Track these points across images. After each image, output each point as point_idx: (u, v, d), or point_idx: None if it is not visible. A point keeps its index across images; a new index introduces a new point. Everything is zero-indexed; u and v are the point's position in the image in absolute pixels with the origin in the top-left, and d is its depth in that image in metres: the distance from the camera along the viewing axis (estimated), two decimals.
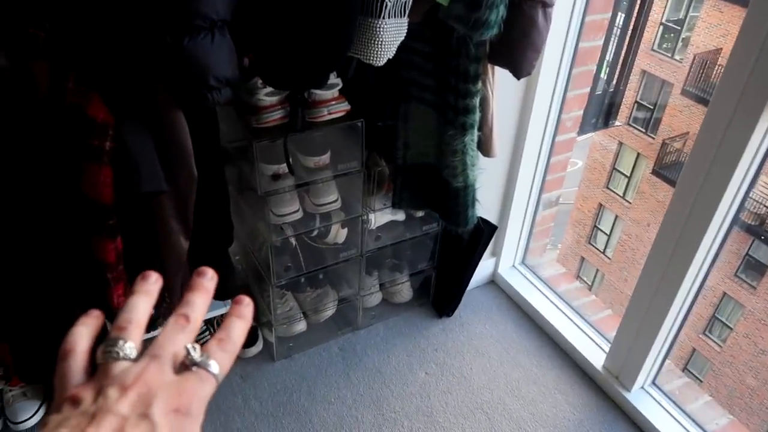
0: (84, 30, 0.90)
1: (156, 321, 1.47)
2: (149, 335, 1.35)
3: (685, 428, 1.60)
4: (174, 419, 0.34)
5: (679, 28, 8.79)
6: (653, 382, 1.70)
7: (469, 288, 1.99)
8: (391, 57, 1.13)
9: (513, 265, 2.12)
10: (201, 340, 1.46)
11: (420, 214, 1.75)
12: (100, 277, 1.09)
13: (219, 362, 0.39)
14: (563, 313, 1.94)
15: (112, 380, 0.36)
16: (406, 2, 1.07)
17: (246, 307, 0.43)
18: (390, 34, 1.07)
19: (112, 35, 0.91)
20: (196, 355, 0.38)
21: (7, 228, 1.02)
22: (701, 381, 8.33)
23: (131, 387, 0.35)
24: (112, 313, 1.15)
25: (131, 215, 1.09)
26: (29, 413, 1.51)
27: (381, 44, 1.08)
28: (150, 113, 0.99)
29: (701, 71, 8.31)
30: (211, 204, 1.25)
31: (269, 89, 1.27)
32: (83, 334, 0.42)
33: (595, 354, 1.79)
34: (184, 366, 0.38)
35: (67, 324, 1.28)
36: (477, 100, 1.29)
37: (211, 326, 1.75)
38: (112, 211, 1.02)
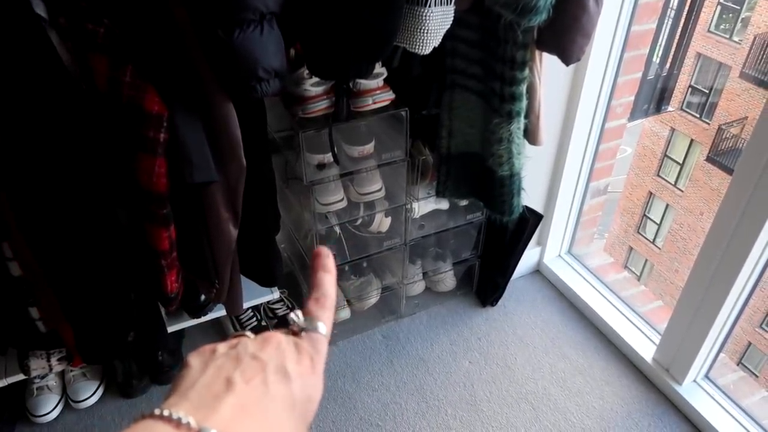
0: (140, 25, 0.93)
1: (206, 306, 1.52)
2: (198, 320, 1.40)
3: (740, 423, 1.55)
4: (304, 377, 0.37)
5: (738, 7, 8.37)
6: (706, 376, 1.65)
7: (513, 278, 1.97)
8: (436, 45, 1.12)
9: (559, 255, 2.09)
10: (248, 326, 1.50)
11: (464, 203, 1.74)
12: (155, 264, 1.14)
13: (323, 321, 0.41)
14: (611, 303, 1.90)
15: (244, 339, 0.39)
16: None
17: (327, 258, 0.44)
18: (436, 23, 1.07)
19: (165, 30, 0.93)
20: (301, 321, 0.41)
21: (68, 217, 1.07)
22: (757, 376, 8.02)
23: (265, 341, 0.38)
24: (167, 298, 1.20)
25: (183, 204, 1.12)
26: (89, 392, 1.59)
27: (427, 33, 1.07)
28: (201, 105, 1.02)
29: (762, 53, 7.90)
30: (258, 193, 1.27)
31: (315, 79, 1.28)
32: None
33: (644, 346, 1.75)
34: (295, 333, 0.40)
35: (124, 308, 1.33)
36: (524, 87, 1.27)
37: (258, 312, 1.79)
38: (166, 201, 1.05)
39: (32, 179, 1.02)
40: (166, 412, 0.31)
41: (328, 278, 0.44)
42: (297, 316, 0.41)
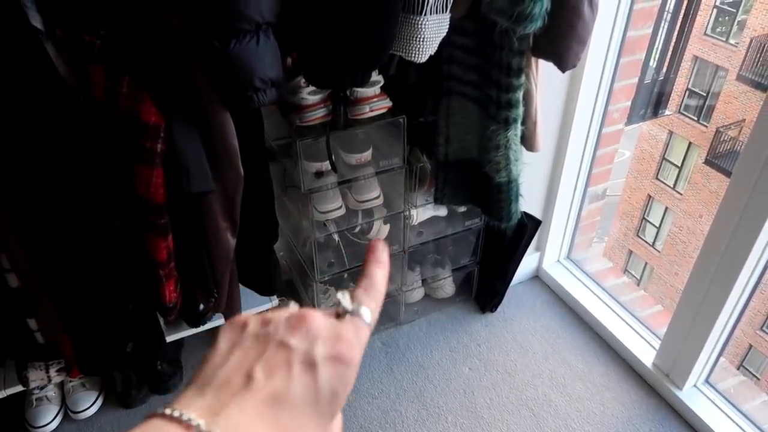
0: (136, 36, 0.93)
1: (205, 315, 1.52)
2: (197, 330, 1.40)
3: (741, 428, 1.54)
4: (334, 365, 0.34)
5: (734, 10, 8.41)
6: (706, 380, 1.64)
7: (512, 283, 1.97)
8: (432, 53, 1.13)
9: (558, 260, 2.09)
10: None
11: (462, 209, 1.74)
12: (153, 274, 1.13)
13: (369, 308, 0.39)
14: (610, 308, 1.90)
15: (280, 315, 0.37)
16: None
17: (382, 252, 0.42)
18: (432, 31, 1.07)
19: (162, 41, 0.94)
20: (347, 303, 0.38)
21: (66, 228, 1.07)
22: (758, 378, 8.00)
23: (297, 323, 0.36)
24: (165, 308, 1.19)
25: (181, 214, 1.12)
26: (88, 403, 1.58)
27: (423, 41, 1.08)
28: (198, 115, 1.02)
29: (758, 55, 7.92)
30: (256, 202, 1.27)
31: (312, 88, 1.28)
32: None
33: (644, 351, 1.74)
34: (338, 316, 0.38)
35: (123, 318, 1.33)
36: (520, 94, 1.28)
37: None
38: (164, 211, 1.05)
39: (30, 190, 1.02)
40: (176, 413, 0.31)
41: (380, 271, 0.41)
42: (344, 297, 0.38)
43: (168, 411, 0.31)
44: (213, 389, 0.32)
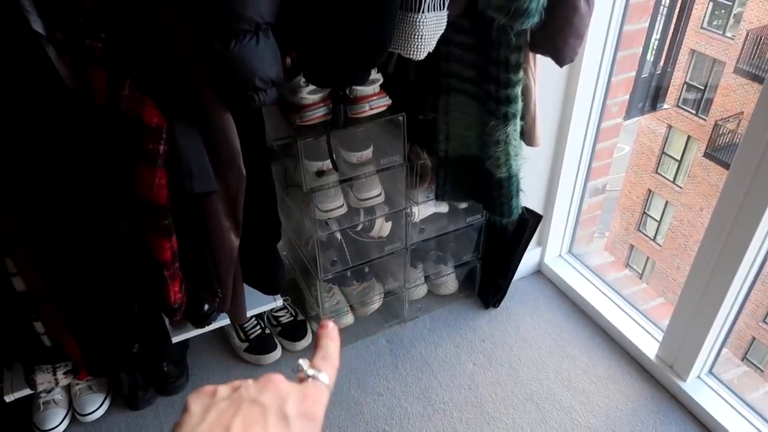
0: (137, 39, 0.94)
1: (210, 316, 1.53)
2: (202, 330, 1.40)
3: (745, 418, 1.55)
4: (303, 421, 0.38)
5: (730, 3, 8.41)
6: (710, 371, 1.65)
7: (515, 278, 1.97)
8: (431, 51, 1.13)
9: (560, 255, 2.09)
10: (252, 334, 1.50)
11: (464, 205, 1.75)
12: (158, 275, 1.14)
13: (328, 374, 0.44)
14: (613, 302, 1.90)
15: (246, 381, 0.40)
16: None
17: (333, 330, 0.48)
18: (430, 28, 1.08)
19: (162, 43, 0.95)
20: (308, 369, 0.43)
21: (70, 230, 1.07)
22: (762, 370, 8.00)
23: (266, 384, 0.39)
24: (170, 309, 1.20)
25: (184, 215, 1.13)
26: (95, 405, 1.59)
27: (421, 38, 1.08)
28: (200, 116, 1.03)
29: (755, 48, 7.92)
30: (259, 201, 1.28)
31: (312, 87, 1.29)
32: None
33: (647, 343, 1.75)
34: (301, 380, 0.43)
35: (128, 320, 1.34)
36: (519, 90, 1.28)
37: (262, 321, 1.80)
38: (167, 212, 1.06)
39: (33, 193, 1.03)
40: None
41: (332, 344, 0.47)
42: (305, 363, 0.44)
43: None
44: None
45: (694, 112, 8.92)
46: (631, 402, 1.65)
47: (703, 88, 8.82)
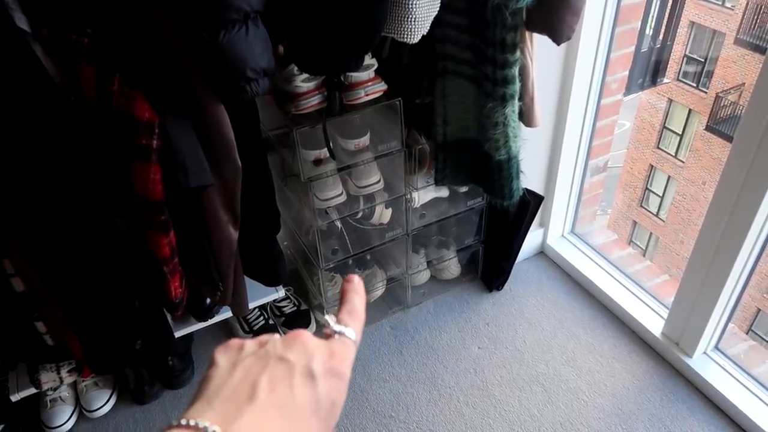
0: (124, 33, 0.92)
1: (212, 309, 1.52)
2: (205, 324, 1.39)
3: (752, 392, 1.55)
4: (330, 379, 0.38)
5: None
6: (716, 347, 1.65)
7: (518, 260, 1.97)
8: (425, 33, 1.11)
9: (562, 235, 2.08)
10: (256, 325, 1.50)
11: (464, 189, 1.73)
12: (157, 271, 1.13)
13: (353, 328, 0.42)
14: (617, 280, 1.89)
15: (273, 336, 0.40)
16: None
17: (358, 283, 0.47)
18: (423, 11, 1.06)
19: (150, 36, 0.93)
20: (334, 325, 0.42)
21: (67, 229, 1.06)
22: (767, 341, 8.02)
23: (293, 341, 0.39)
24: (171, 304, 1.20)
25: (181, 209, 1.12)
26: (102, 401, 1.59)
27: (414, 21, 1.06)
28: (192, 109, 1.01)
29: (755, 17, 7.82)
30: (256, 193, 1.27)
31: (305, 75, 1.27)
32: None
33: (652, 321, 1.75)
34: (327, 336, 0.41)
35: (130, 316, 1.33)
36: (516, 70, 1.26)
37: (265, 312, 1.80)
38: (163, 207, 1.05)
39: (28, 193, 1.01)
40: (192, 422, 0.32)
41: (358, 298, 0.46)
42: (331, 319, 0.43)
43: (183, 421, 0.32)
44: (221, 401, 0.34)
45: (695, 85, 8.83)
46: (637, 380, 1.65)
47: (703, 60, 8.73)
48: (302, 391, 0.36)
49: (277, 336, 0.40)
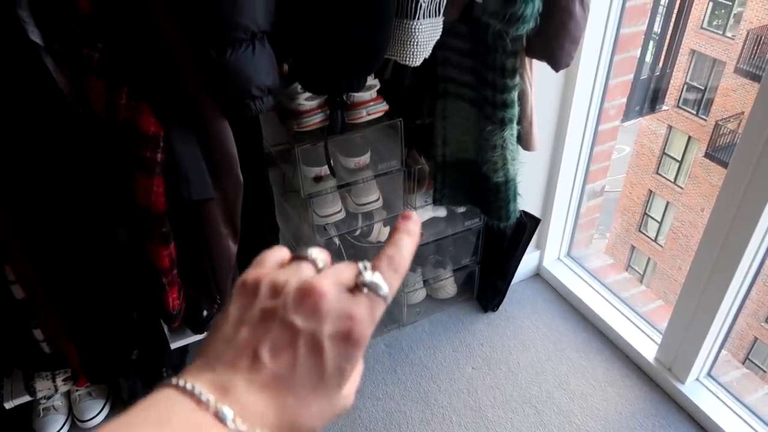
0: (134, 48, 0.95)
1: (209, 321, 1.53)
2: (201, 336, 1.41)
3: (744, 420, 1.55)
4: (341, 345, 0.34)
5: (730, 3, 8.41)
6: (709, 374, 1.65)
7: (513, 282, 1.98)
8: (427, 57, 1.14)
9: (558, 258, 2.10)
10: None
11: (461, 209, 1.75)
12: (156, 282, 1.15)
13: (389, 282, 0.36)
14: (612, 304, 1.90)
15: (290, 283, 0.35)
16: (440, 2, 1.08)
17: (414, 223, 0.40)
18: (425, 35, 1.08)
19: (159, 52, 0.95)
20: (367, 275, 0.36)
21: (69, 238, 1.08)
22: (765, 371, 7.98)
23: (306, 298, 0.34)
24: (169, 315, 1.21)
25: (182, 221, 1.13)
26: (95, 411, 1.59)
27: (417, 45, 1.09)
28: (196, 123, 1.04)
29: (755, 47, 7.92)
30: (257, 207, 1.29)
31: (309, 94, 1.30)
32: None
33: (646, 346, 1.75)
34: (355, 287, 0.36)
35: (127, 326, 1.34)
36: (515, 95, 1.29)
37: None
38: (165, 219, 1.07)
39: (33, 201, 1.03)
40: (188, 386, 0.31)
41: (408, 241, 0.39)
42: (365, 268, 0.36)
43: (181, 383, 0.32)
44: (221, 365, 0.33)
45: (695, 112, 8.91)
46: (629, 405, 1.66)
47: (703, 88, 8.82)
48: (305, 363, 0.33)
49: (293, 287, 0.35)
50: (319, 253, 0.38)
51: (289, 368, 0.33)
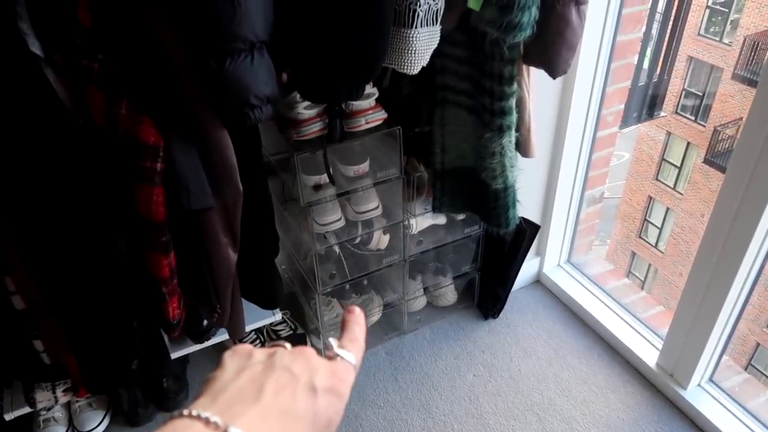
0: (133, 59, 0.95)
1: (209, 331, 1.53)
2: (201, 345, 1.40)
3: (746, 426, 1.54)
4: (330, 396, 0.39)
5: (726, 10, 8.46)
6: (710, 379, 1.65)
7: (514, 289, 1.98)
8: (425, 65, 1.14)
9: (558, 264, 2.10)
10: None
11: (461, 217, 1.75)
12: (156, 292, 1.15)
13: (355, 355, 0.44)
14: (612, 311, 1.90)
15: (280, 348, 0.41)
16: (437, 10, 1.08)
17: (359, 315, 0.48)
18: (423, 43, 1.09)
19: (158, 62, 0.96)
20: (337, 348, 0.43)
21: (69, 248, 1.08)
22: (767, 376, 7.95)
23: (299, 355, 0.40)
24: (169, 325, 1.21)
25: (182, 231, 1.14)
26: (95, 422, 1.59)
27: (414, 53, 1.09)
28: (196, 133, 1.04)
29: (752, 54, 7.96)
30: (256, 216, 1.29)
31: (307, 103, 1.30)
32: None
33: (647, 352, 1.75)
34: (329, 357, 0.43)
35: (127, 336, 1.34)
36: (513, 102, 1.29)
37: (261, 335, 1.80)
38: (165, 228, 1.07)
39: (33, 212, 1.03)
40: (195, 412, 0.34)
41: (359, 328, 0.47)
42: (334, 342, 0.44)
43: (186, 412, 0.34)
44: (226, 397, 0.36)
45: (693, 118, 8.94)
46: (631, 411, 1.65)
47: (701, 94, 8.85)
48: (304, 402, 0.37)
49: (284, 348, 0.41)
50: (288, 345, 0.43)
51: (290, 405, 0.37)
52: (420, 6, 1.05)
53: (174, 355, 1.53)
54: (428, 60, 1.15)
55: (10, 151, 0.97)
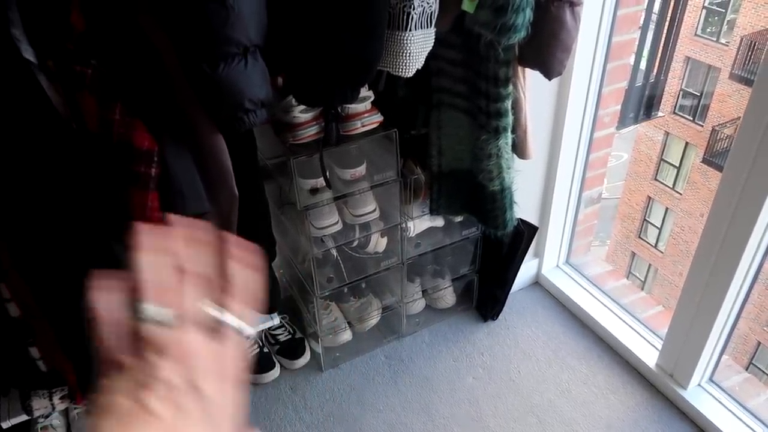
0: (127, 64, 0.95)
1: None
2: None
3: (747, 425, 1.54)
4: (219, 387, 0.36)
5: (723, 10, 8.48)
6: (711, 379, 1.64)
7: (513, 290, 1.97)
8: (420, 67, 1.14)
9: (557, 266, 2.09)
10: (250, 353, 1.49)
11: (459, 219, 1.75)
12: None
13: (244, 319, 0.38)
14: (611, 311, 1.90)
15: (150, 347, 0.36)
16: (431, 13, 1.08)
17: (236, 244, 0.39)
18: (417, 46, 1.09)
19: (152, 67, 0.96)
20: (218, 314, 0.37)
21: (64, 254, 1.08)
22: None
23: (167, 356, 0.36)
24: None
25: None
26: None
27: (409, 56, 1.09)
28: (191, 137, 1.04)
29: (749, 53, 7.97)
30: (252, 220, 1.28)
31: (303, 106, 1.30)
32: (108, 299, 0.40)
33: (647, 352, 1.74)
34: (214, 329, 0.37)
35: None
36: (509, 103, 1.29)
37: (259, 339, 1.79)
38: None
39: (27, 217, 1.03)
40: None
41: (241, 270, 0.38)
42: (213, 309, 0.37)
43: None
44: (114, 417, 0.35)
45: (691, 118, 8.95)
46: (632, 411, 1.64)
47: (699, 94, 8.87)
48: (188, 407, 0.35)
49: (158, 337, 0.36)
50: (156, 311, 0.37)
51: (180, 417, 0.34)
52: (414, 9, 1.05)
53: None
54: (423, 62, 1.15)
55: (4, 157, 0.96)
